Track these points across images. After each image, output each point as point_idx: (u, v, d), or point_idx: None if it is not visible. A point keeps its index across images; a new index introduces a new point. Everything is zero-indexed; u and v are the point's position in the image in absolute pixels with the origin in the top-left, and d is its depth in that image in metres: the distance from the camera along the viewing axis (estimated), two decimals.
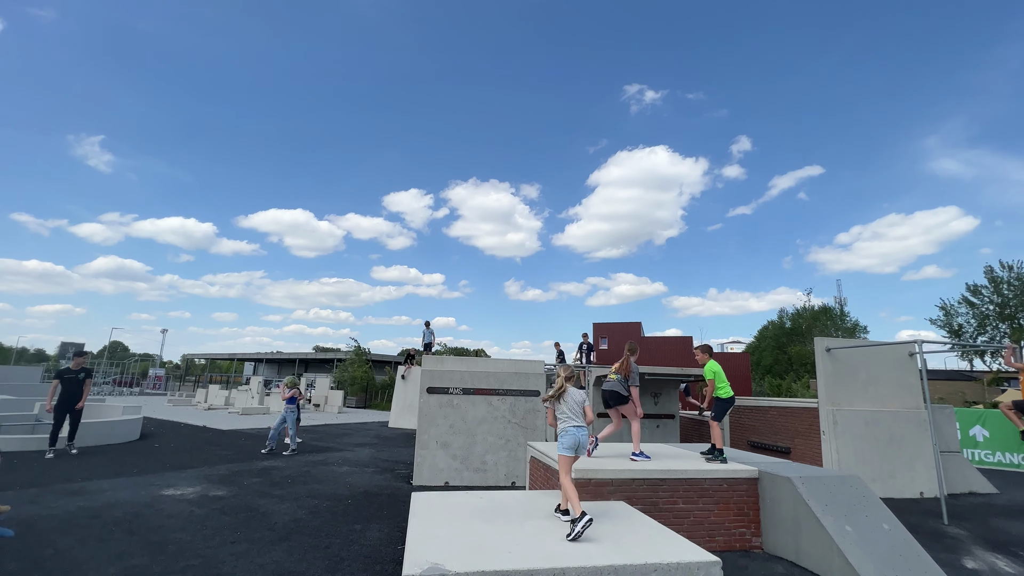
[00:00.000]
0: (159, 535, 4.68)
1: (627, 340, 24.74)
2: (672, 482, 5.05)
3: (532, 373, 8.25)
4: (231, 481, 7.16)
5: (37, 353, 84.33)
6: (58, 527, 4.78)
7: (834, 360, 8.53)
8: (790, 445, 9.56)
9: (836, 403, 8.33)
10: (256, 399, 21.61)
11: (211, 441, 11.39)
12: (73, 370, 8.77)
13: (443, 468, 7.64)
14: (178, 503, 5.85)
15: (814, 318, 43.04)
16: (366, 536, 4.92)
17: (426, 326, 16.61)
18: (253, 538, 4.71)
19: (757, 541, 5.09)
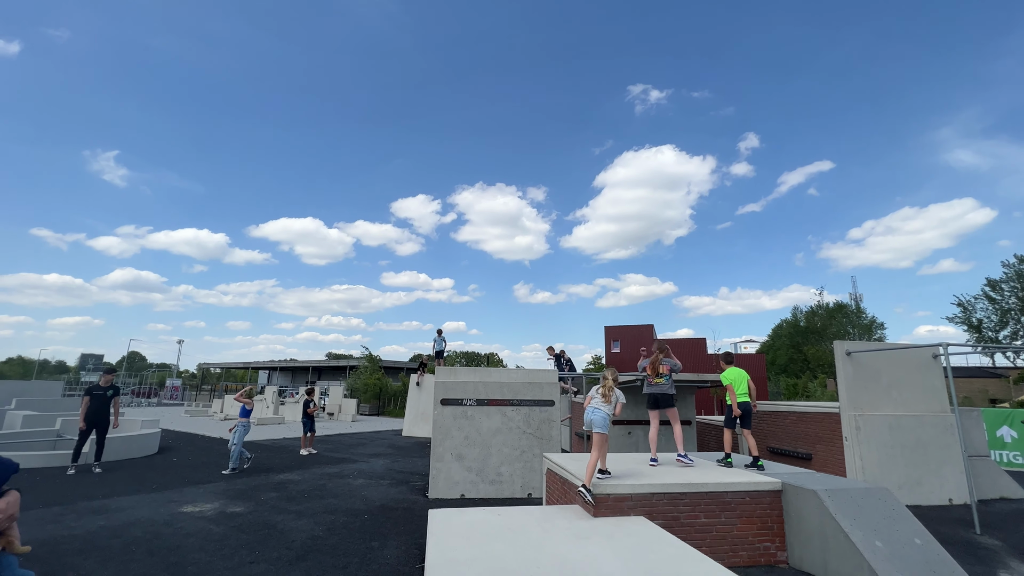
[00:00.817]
0: (178, 555, 4.69)
1: (640, 344, 24.55)
2: (693, 496, 4.94)
3: (546, 383, 8.18)
4: (248, 496, 7.18)
5: (58, 365, 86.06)
6: (80, 548, 4.82)
7: (855, 364, 8.33)
8: (811, 451, 9.35)
9: (858, 408, 8.13)
10: (271, 408, 21.78)
11: (227, 454, 11.46)
12: (102, 387, 8.94)
13: (459, 480, 7.59)
14: (197, 520, 5.88)
15: (830, 316, 42.35)
16: (383, 554, 4.89)
17: (438, 334, 16.63)
18: (271, 558, 4.70)
19: (783, 556, 4.96)
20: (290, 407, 22.07)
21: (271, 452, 11.82)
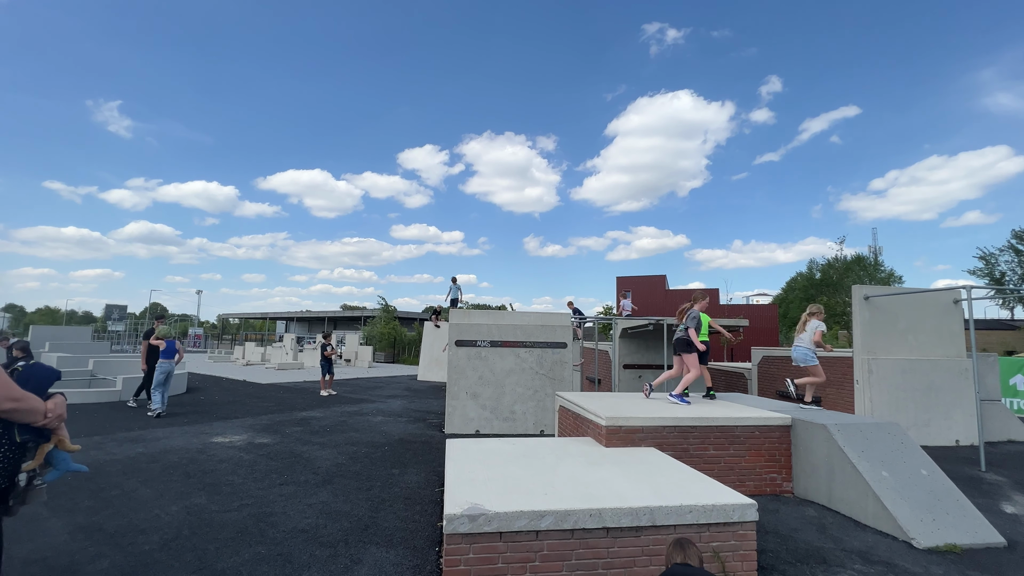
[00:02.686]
0: (213, 478, 5.00)
1: (652, 294, 24.46)
2: (702, 429, 5.06)
3: (559, 326, 8.26)
4: (274, 430, 7.55)
5: (85, 315, 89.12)
6: (122, 470, 5.16)
7: (872, 308, 8.24)
8: (821, 395, 9.46)
9: (872, 352, 8.12)
10: (290, 355, 22.51)
11: (252, 394, 11.99)
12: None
13: (473, 417, 7.87)
14: (227, 449, 6.22)
15: (846, 269, 41.61)
16: (404, 479, 5.16)
17: (453, 282, 16.73)
18: (299, 481, 4.99)
19: (788, 486, 5.12)
20: (308, 354, 22.77)
21: (293, 393, 12.32)
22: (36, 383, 1.86)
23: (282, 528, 3.75)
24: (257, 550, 3.36)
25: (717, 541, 3.16)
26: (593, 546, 3.03)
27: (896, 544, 3.78)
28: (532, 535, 2.97)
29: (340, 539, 3.58)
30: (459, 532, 2.89)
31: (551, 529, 2.98)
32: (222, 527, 3.74)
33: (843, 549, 3.68)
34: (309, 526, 3.81)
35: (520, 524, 2.95)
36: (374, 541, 3.57)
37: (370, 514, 4.11)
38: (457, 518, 2.89)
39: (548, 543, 2.99)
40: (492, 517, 2.93)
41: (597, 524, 3.02)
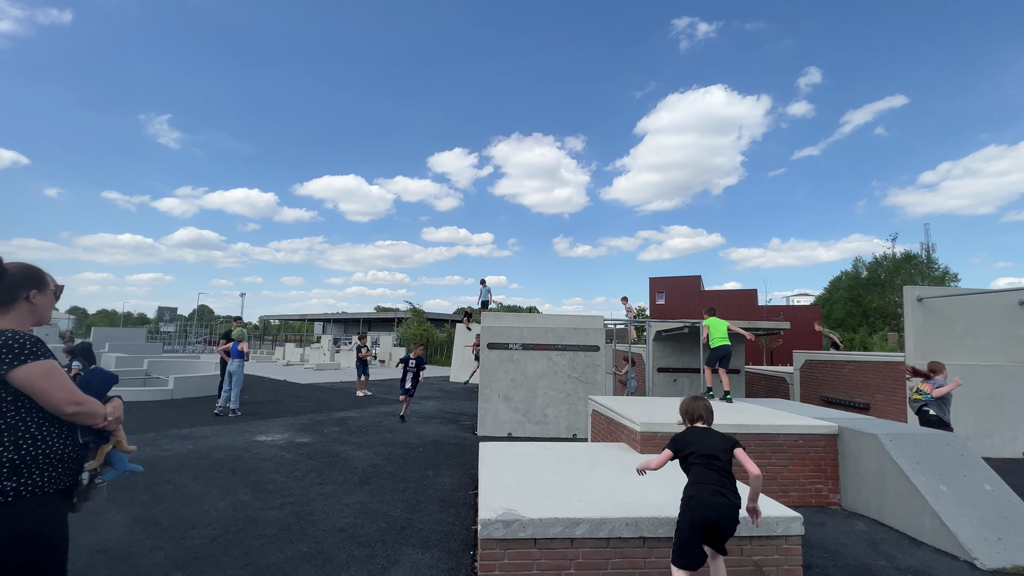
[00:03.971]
0: (257, 475, 5.21)
1: (686, 295, 24.07)
2: (743, 436, 4.83)
3: (591, 328, 8.17)
4: (313, 429, 7.79)
5: (139, 317, 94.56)
6: (174, 466, 5.44)
7: (926, 310, 7.78)
8: (869, 401, 9.00)
9: (926, 357, 7.64)
10: (328, 356, 23.19)
11: (292, 394, 12.41)
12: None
13: (505, 420, 7.88)
14: (270, 448, 6.46)
15: (896, 267, 39.31)
16: (438, 481, 5.22)
17: (482, 284, 16.83)
18: (338, 480, 5.13)
19: (835, 498, 4.89)
20: (344, 355, 23.40)
21: (330, 393, 12.69)
22: (96, 387, 1.98)
23: (322, 527, 3.86)
24: (299, 548, 3.47)
25: (760, 555, 3.05)
26: (629, 556, 2.99)
27: (957, 564, 3.54)
28: (567, 542, 2.95)
29: (377, 539, 3.66)
30: (494, 537, 2.90)
31: (586, 537, 2.95)
32: (266, 524, 3.88)
33: (897, 567, 3.49)
34: (347, 525, 3.91)
35: (555, 531, 2.93)
36: (410, 543, 3.63)
37: (406, 515, 4.18)
38: (492, 523, 2.91)
39: (583, 551, 2.96)
40: (527, 523, 2.93)
41: (633, 533, 2.98)
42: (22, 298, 1.80)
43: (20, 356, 1.65)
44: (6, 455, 1.62)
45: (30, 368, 1.66)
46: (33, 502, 1.65)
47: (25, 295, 1.81)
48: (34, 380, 1.66)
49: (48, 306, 1.92)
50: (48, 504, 1.70)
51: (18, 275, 1.80)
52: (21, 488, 1.62)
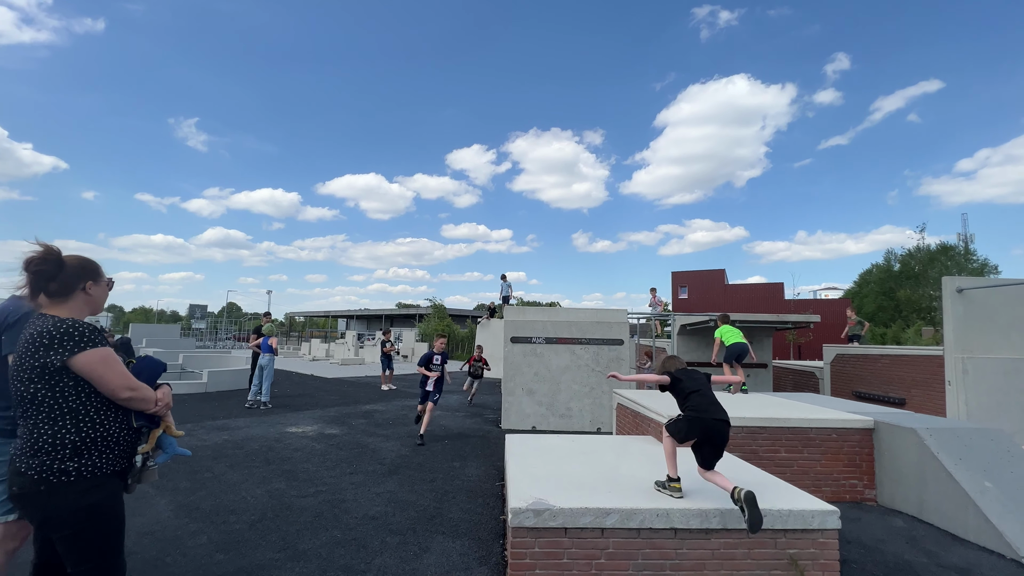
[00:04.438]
0: (290, 464, 5.36)
1: (710, 289, 23.78)
2: (773, 430, 4.81)
3: (615, 322, 8.12)
4: (341, 422, 7.97)
5: (172, 314, 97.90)
6: (212, 455, 5.64)
7: (966, 302, 7.47)
8: (905, 396, 8.71)
9: (967, 350, 7.36)
10: (352, 351, 23.62)
11: (319, 388, 12.70)
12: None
13: (529, 414, 7.91)
14: (301, 439, 6.64)
15: (931, 259, 37.72)
16: (465, 472, 5.28)
17: (503, 279, 16.88)
18: (367, 470, 5.24)
19: (871, 494, 4.76)
20: (368, 350, 23.80)
21: (356, 387, 12.93)
22: (148, 374, 2.08)
23: (354, 515, 3.96)
24: (333, 534, 3.57)
25: (795, 548, 2.99)
26: (660, 546, 2.97)
27: (1004, 563, 3.42)
28: (598, 532, 2.95)
29: (408, 527, 3.73)
30: (524, 526, 2.93)
31: (617, 527, 2.95)
32: (301, 511, 4.00)
33: (939, 564, 3.38)
34: (379, 514, 3.99)
35: (585, 521, 2.94)
36: (440, 531, 3.69)
37: (435, 505, 4.25)
38: (522, 512, 2.93)
39: (614, 541, 2.96)
40: (557, 513, 2.94)
41: (665, 524, 2.96)
42: (79, 289, 1.91)
43: (80, 343, 1.75)
44: (68, 437, 1.73)
45: (90, 355, 1.76)
46: (93, 481, 1.76)
47: (82, 286, 1.91)
48: (93, 366, 1.76)
49: (102, 297, 2.03)
50: (107, 484, 1.81)
51: (75, 267, 1.90)
52: (83, 468, 1.74)
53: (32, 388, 1.72)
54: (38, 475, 1.68)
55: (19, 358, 1.74)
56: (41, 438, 1.71)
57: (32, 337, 1.74)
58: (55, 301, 1.86)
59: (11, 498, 1.79)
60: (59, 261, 1.85)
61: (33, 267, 1.81)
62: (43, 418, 1.72)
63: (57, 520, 1.72)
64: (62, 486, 1.70)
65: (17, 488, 1.72)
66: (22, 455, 1.71)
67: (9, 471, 1.76)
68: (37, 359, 1.71)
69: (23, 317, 2.15)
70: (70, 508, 1.72)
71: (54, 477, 1.69)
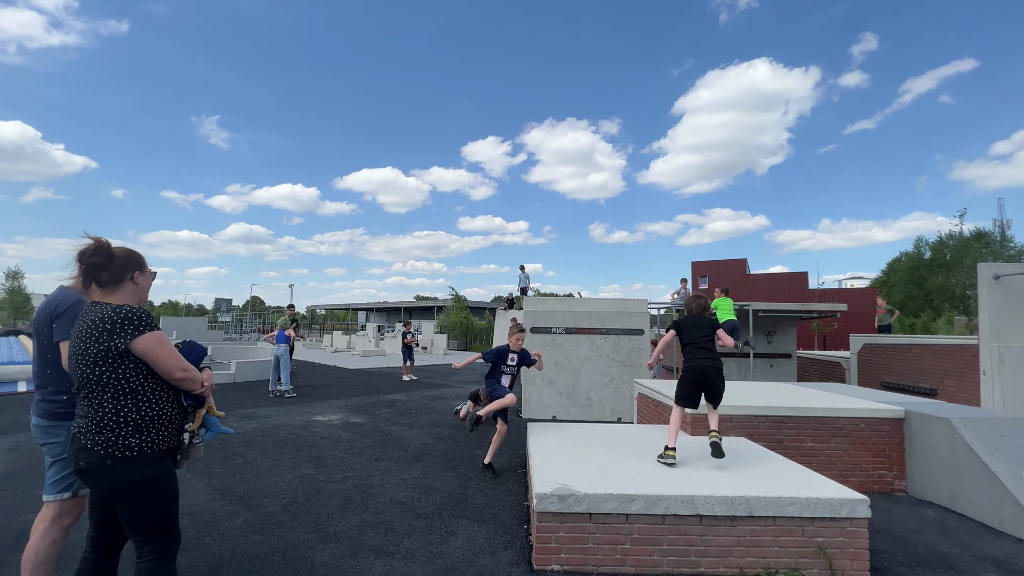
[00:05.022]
0: (318, 451, 5.51)
1: (731, 279, 23.27)
2: (799, 419, 4.74)
3: (635, 312, 8.07)
4: (365, 411, 8.13)
5: (199, 308, 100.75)
6: (243, 442, 5.83)
7: (1004, 289, 7.19)
8: (936, 386, 8.47)
9: (1004, 339, 7.10)
10: (373, 342, 24.00)
11: (342, 378, 12.96)
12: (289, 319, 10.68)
13: (550, 403, 7.95)
14: (327, 427, 6.81)
15: (964, 246, 36.23)
16: None
17: (521, 270, 16.88)
18: (392, 458, 5.35)
19: (900, 484, 4.67)
20: (389, 341, 24.14)
21: (378, 378, 13.16)
22: (193, 357, 2.19)
23: (381, 499, 4.06)
24: (362, 517, 3.67)
25: (823, 536, 2.97)
26: (685, 533, 2.98)
27: None
28: (622, 518, 2.97)
29: (434, 512, 3.81)
30: (549, 511, 2.97)
31: (641, 513, 2.97)
32: (330, 495, 4.12)
33: (973, 556, 3.31)
34: (405, 499, 4.09)
35: (610, 506, 2.97)
36: (465, 516, 3.76)
37: (459, 491, 4.32)
38: (547, 497, 2.97)
39: (638, 527, 2.98)
40: (581, 498, 2.97)
41: (689, 511, 2.97)
42: (128, 279, 2.03)
43: (140, 327, 1.88)
44: (130, 415, 1.87)
45: (148, 338, 1.89)
46: (152, 456, 1.90)
47: (130, 276, 2.04)
48: (152, 348, 1.90)
49: (147, 287, 2.15)
50: (163, 459, 1.95)
51: (124, 258, 2.03)
52: (143, 444, 1.88)
53: (97, 370, 1.83)
54: (104, 451, 1.81)
55: (82, 343, 1.85)
56: (106, 417, 1.83)
57: (95, 323, 1.85)
58: (106, 290, 1.98)
59: (77, 472, 1.91)
60: (109, 252, 1.97)
61: (86, 258, 1.93)
62: (107, 398, 1.84)
63: (122, 492, 1.86)
64: (126, 460, 1.83)
65: (84, 463, 1.84)
66: (87, 432, 1.83)
67: (73, 448, 1.88)
68: (102, 343, 1.83)
69: (72, 306, 2.26)
70: (133, 481, 1.86)
71: (119, 452, 1.82)
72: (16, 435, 5.98)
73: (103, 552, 2.04)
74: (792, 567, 2.95)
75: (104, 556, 2.04)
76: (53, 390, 2.28)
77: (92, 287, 1.97)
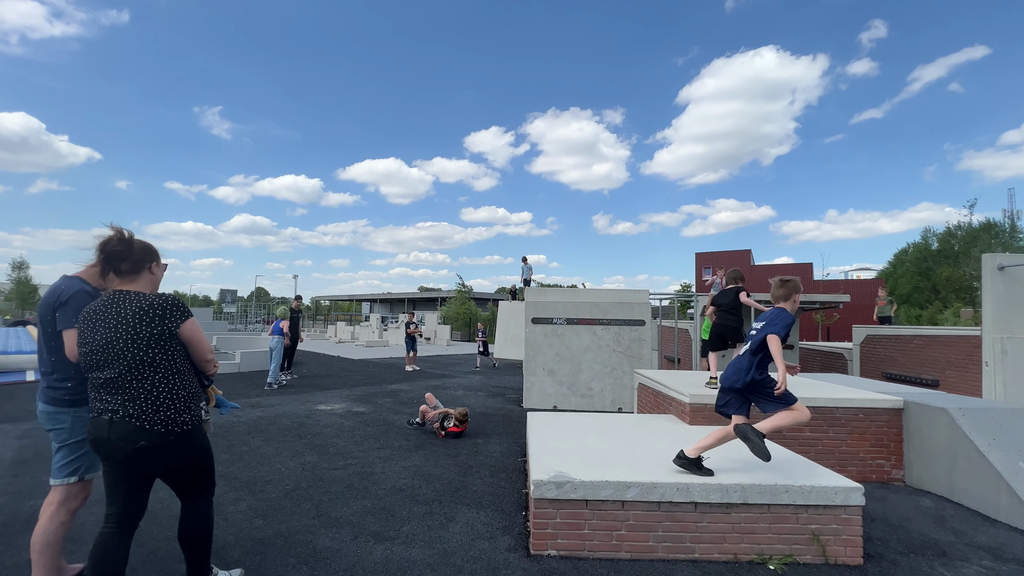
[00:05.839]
0: (320, 440, 5.58)
1: (734, 270, 22.94)
2: None
3: (636, 303, 8.08)
4: (368, 400, 8.21)
5: (204, 299, 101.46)
6: (247, 430, 5.91)
7: (1008, 280, 7.14)
8: (939, 377, 8.45)
9: (1007, 330, 7.07)
10: (376, 333, 24.13)
11: (346, 368, 13.07)
12: (295, 310, 10.84)
13: (551, 393, 8.00)
14: (330, 416, 6.89)
15: (973, 238, 35.82)
16: (488, 449, 5.41)
17: (523, 261, 16.87)
18: (394, 446, 5.42)
19: (898, 474, 4.69)
20: (392, 332, 24.27)
21: (381, 368, 13.27)
22: None
23: (382, 486, 4.12)
24: (363, 503, 3.73)
25: (817, 524, 3.01)
26: (680, 519, 3.02)
27: None
28: (618, 504, 3.02)
29: (434, 499, 3.87)
30: (546, 497, 3.01)
31: (637, 500, 3.01)
32: (332, 482, 4.19)
33: (967, 543, 3.34)
34: (406, 486, 4.15)
35: (606, 493, 3.01)
36: (464, 502, 3.81)
37: (459, 478, 4.38)
38: (544, 484, 3.01)
39: (634, 514, 3.02)
40: (578, 485, 3.01)
41: (685, 498, 3.00)
42: (145, 269, 2.20)
43: (186, 313, 2.10)
44: (180, 393, 2.08)
45: (191, 323, 2.13)
46: (197, 428, 2.17)
47: (148, 266, 2.21)
48: (194, 332, 2.14)
49: (160, 277, 2.32)
50: (201, 430, 2.23)
51: (143, 249, 2.20)
52: (192, 418, 2.13)
53: (151, 352, 2.00)
54: (165, 428, 2.00)
55: (131, 327, 1.98)
56: (160, 396, 2.01)
57: (144, 309, 2.00)
58: (125, 279, 2.12)
59: (135, 452, 1.99)
60: (130, 243, 2.14)
61: (108, 248, 2.08)
62: (159, 378, 2.02)
63: (183, 462, 2.11)
64: (184, 435, 2.06)
65: (146, 441, 1.97)
66: (141, 413, 1.97)
67: (121, 431, 1.96)
68: (155, 327, 2.00)
69: (74, 296, 2.29)
70: (193, 451, 2.13)
71: (178, 427, 2.04)
72: (25, 423, 6.09)
73: (126, 529, 2.13)
74: (786, 553, 2.99)
75: (126, 533, 2.13)
76: (58, 377, 2.33)
77: (110, 276, 2.11)
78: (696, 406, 4.70)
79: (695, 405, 4.70)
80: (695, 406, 4.70)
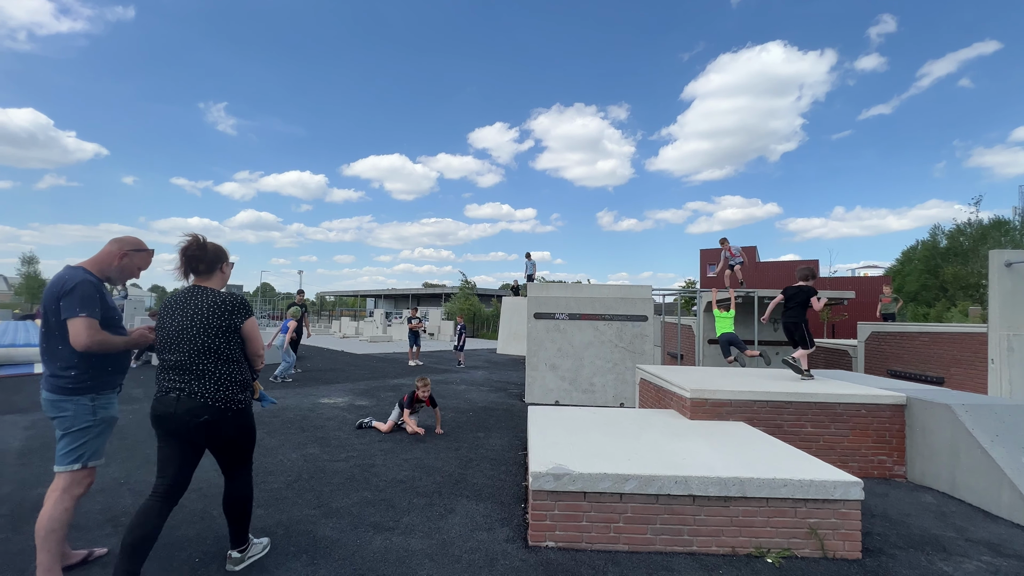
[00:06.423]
0: (323, 432, 5.63)
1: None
2: (799, 405, 4.74)
3: (639, 298, 8.06)
4: (370, 394, 8.26)
5: None
6: None
7: (1015, 276, 7.07)
8: (944, 375, 8.39)
9: (1014, 327, 7.01)
10: (380, 328, 24.22)
11: (349, 363, 13.14)
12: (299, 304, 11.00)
13: (553, 388, 8.01)
14: (332, 409, 6.94)
15: (981, 235, 35.41)
16: (489, 442, 5.44)
17: (527, 257, 16.89)
18: (395, 439, 5.45)
19: (900, 470, 4.68)
20: (396, 328, 24.36)
21: (384, 363, 13.32)
22: None
23: (383, 478, 4.16)
24: (364, 495, 3.77)
25: (815, 518, 3.00)
26: (679, 512, 3.03)
27: None
28: (616, 497, 3.02)
29: (434, 491, 3.90)
30: (545, 489, 3.03)
31: (635, 493, 3.02)
32: (333, 474, 4.22)
33: (968, 539, 3.32)
34: (406, 478, 4.18)
35: (604, 486, 3.02)
36: (464, 495, 3.84)
37: (460, 471, 4.41)
38: (543, 476, 3.03)
39: (632, 506, 3.03)
40: (576, 477, 3.02)
41: (683, 491, 3.01)
42: (218, 268, 2.53)
43: (249, 311, 2.45)
44: (239, 377, 2.42)
45: (252, 320, 2.48)
46: (249, 408, 2.50)
47: (220, 266, 2.54)
48: (253, 327, 2.49)
49: (229, 274, 2.60)
50: (251, 411, 2.53)
51: (216, 252, 2.52)
52: (246, 399, 2.46)
53: (218, 341, 2.34)
54: (225, 405, 2.33)
55: (204, 319, 2.32)
56: (222, 378, 2.34)
57: (216, 304, 2.36)
58: (202, 277, 2.48)
59: (199, 425, 2.29)
60: (205, 246, 2.47)
61: (189, 252, 2.44)
62: (222, 363, 2.35)
63: (237, 434, 2.45)
64: (241, 412, 2.41)
65: (209, 416, 2.29)
66: (205, 392, 2.30)
67: (187, 406, 2.26)
68: (224, 320, 2.35)
69: (78, 285, 2.32)
70: (245, 426, 2.48)
71: (236, 405, 2.38)
72: (33, 414, 6.17)
73: (170, 499, 2.35)
74: (784, 547, 2.99)
75: (169, 503, 2.35)
76: (62, 366, 2.36)
77: (190, 275, 2.48)
78: (697, 401, 4.70)
79: (696, 400, 4.69)
80: (696, 401, 4.70)
